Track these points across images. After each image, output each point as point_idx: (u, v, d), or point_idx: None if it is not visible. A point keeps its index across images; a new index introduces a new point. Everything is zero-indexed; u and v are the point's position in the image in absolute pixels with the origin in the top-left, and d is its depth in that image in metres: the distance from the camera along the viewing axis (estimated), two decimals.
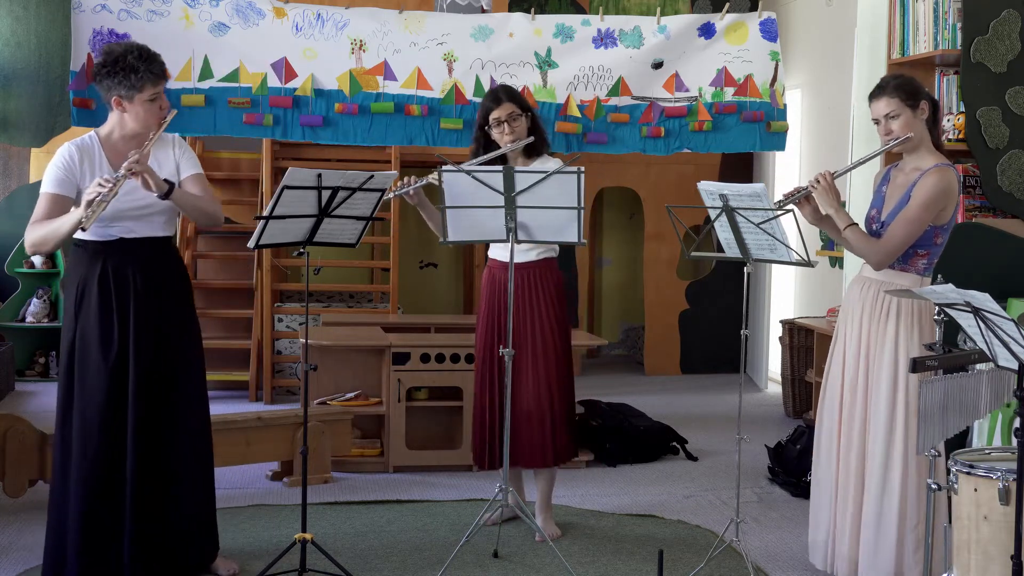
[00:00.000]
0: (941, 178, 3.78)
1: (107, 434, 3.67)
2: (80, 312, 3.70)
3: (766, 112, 5.52)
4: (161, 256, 3.80)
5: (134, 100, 3.68)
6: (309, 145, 6.45)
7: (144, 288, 3.71)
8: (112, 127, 3.78)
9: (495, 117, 4.40)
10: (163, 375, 3.74)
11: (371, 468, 5.54)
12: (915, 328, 3.82)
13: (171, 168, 3.81)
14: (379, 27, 5.29)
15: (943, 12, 5.15)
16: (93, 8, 4.98)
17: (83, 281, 3.71)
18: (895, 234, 3.80)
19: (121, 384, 3.68)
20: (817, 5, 7.94)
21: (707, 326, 8.80)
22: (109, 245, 3.71)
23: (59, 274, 7.91)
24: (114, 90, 3.68)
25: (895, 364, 3.82)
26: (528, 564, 4.20)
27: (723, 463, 5.86)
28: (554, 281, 4.52)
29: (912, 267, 3.86)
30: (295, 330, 7.49)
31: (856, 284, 4.02)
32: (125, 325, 3.69)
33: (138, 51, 3.69)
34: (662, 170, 8.63)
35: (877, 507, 3.82)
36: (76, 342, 3.70)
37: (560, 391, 4.47)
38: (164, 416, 3.74)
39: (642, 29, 5.46)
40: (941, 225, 3.83)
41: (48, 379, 7.84)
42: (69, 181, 3.69)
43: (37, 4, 8.11)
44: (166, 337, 3.75)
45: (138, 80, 3.65)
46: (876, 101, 3.88)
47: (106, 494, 3.68)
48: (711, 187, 3.95)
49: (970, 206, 5.14)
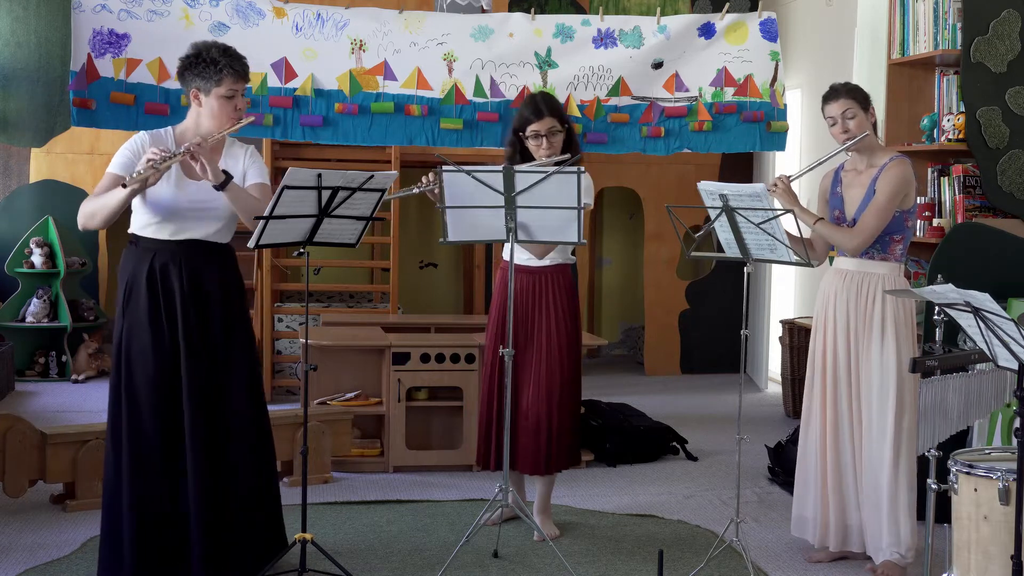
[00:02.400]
0: (901, 169, 4.09)
1: (163, 438, 3.68)
2: (128, 308, 3.72)
3: (766, 112, 5.52)
4: (213, 262, 3.78)
5: (211, 94, 3.67)
6: (309, 145, 6.46)
7: (190, 291, 3.71)
8: (188, 124, 3.79)
9: (534, 130, 4.37)
10: (213, 378, 3.74)
11: (371, 468, 5.54)
12: (901, 313, 4.06)
13: (238, 173, 3.80)
14: (379, 27, 5.29)
15: (943, 12, 5.15)
16: (93, 8, 4.98)
17: (131, 278, 3.73)
18: (868, 222, 4.07)
19: (173, 384, 3.69)
20: (817, 5, 7.94)
21: (707, 326, 8.79)
22: (160, 243, 3.71)
23: (59, 274, 7.90)
24: (193, 83, 3.68)
25: (882, 342, 4.05)
26: (528, 564, 4.20)
27: (723, 463, 5.86)
28: (566, 287, 4.47)
29: (891, 254, 4.12)
30: (295, 330, 7.49)
31: (835, 276, 4.20)
32: (174, 325, 3.70)
33: (223, 48, 3.70)
34: (662, 170, 8.63)
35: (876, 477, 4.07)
36: (124, 339, 3.72)
37: (563, 399, 4.42)
38: (219, 420, 3.75)
39: (642, 29, 5.46)
40: (908, 209, 4.12)
41: (48, 379, 7.84)
42: (133, 164, 3.67)
43: (37, 4, 8.12)
44: (214, 341, 3.76)
45: (217, 73, 3.64)
46: (832, 103, 4.18)
47: (162, 502, 3.70)
48: (711, 187, 3.96)
49: (970, 206, 5.14)
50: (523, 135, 4.41)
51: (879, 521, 4.08)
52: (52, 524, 4.54)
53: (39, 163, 8.24)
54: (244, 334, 3.86)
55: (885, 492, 4.05)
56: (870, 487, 4.10)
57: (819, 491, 4.22)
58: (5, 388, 7.27)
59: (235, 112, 3.73)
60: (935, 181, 5.34)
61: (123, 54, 5.03)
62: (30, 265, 7.93)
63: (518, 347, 4.34)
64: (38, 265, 7.93)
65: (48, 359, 7.92)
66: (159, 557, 3.71)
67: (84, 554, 4.17)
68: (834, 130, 4.16)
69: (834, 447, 4.18)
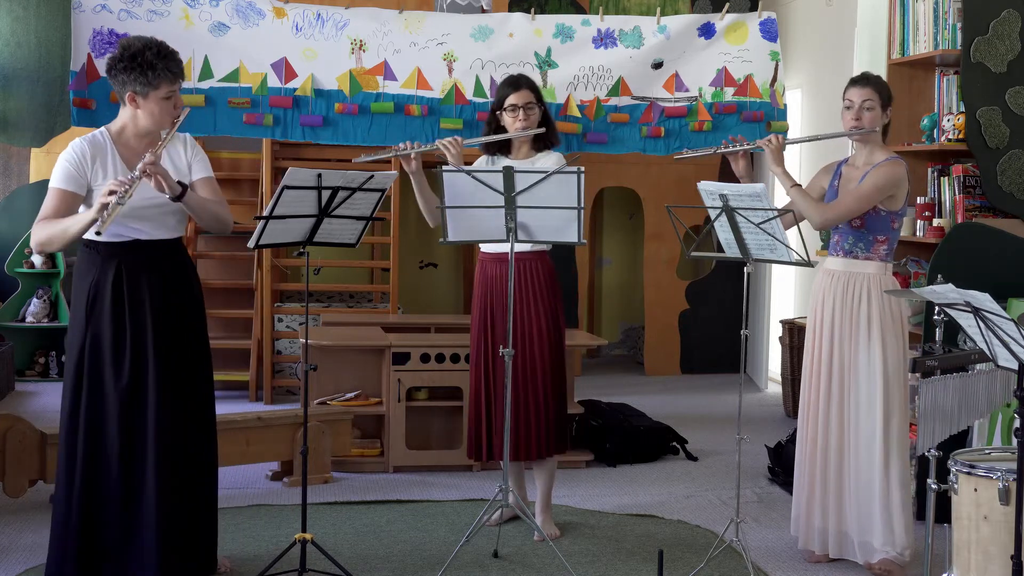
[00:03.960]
0: (895, 169, 4.08)
1: (123, 442, 3.64)
2: (92, 316, 3.65)
3: (766, 112, 5.52)
4: (173, 257, 3.77)
5: (149, 97, 3.63)
6: (309, 145, 6.45)
7: (160, 291, 3.69)
8: (124, 123, 3.73)
9: (512, 102, 4.41)
10: (179, 379, 3.72)
11: (371, 468, 5.54)
12: (887, 307, 4.07)
13: (183, 168, 3.77)
14: (379, 27, 5.29)
15: (943, 12, 5.15)
16: (93, 8, 4.98)
17: (95, 284, 3.65)
18: (844, 202, 4.10)
19: (138, 390, 3.65)
20: (817, 5, 7.94)
21: (707, 326, 8.79)
22: (122, 247, 3.67)
23: (59, 274, 7.90)
24: (129, 86, 3.62)
25: (868, 342, 4.06)
26: (528, 564, 4.20)
27: (723, 463, 5.86)
28: (546, 272, 4.48)
29: (875, 254, 4.12)
30: (295, 330, 7.48)
31: (824, 276, 4.22)
32: (141, 329, 3.65)
33: (157, 48, 3.63)
34: (662, 170, 8.63)
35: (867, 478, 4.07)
36: (87, 347, 3.65)
37: (546, 384, 4.44)
38: (181, 418, 3.72)
39: (642, 29, 5.46)
40: (895, 211, 4.11)
41: (48, 379, 7.84)
42: (79, 178, 3.63)
43: (37, 4, 8.11)
44: (181, 340, 3.73)
45: (155, 77, 3.60)
46: (857, 88, 4.15)
47: (114, 498, 3.66)
48: (711, 187, 3.96)
49: (970, 206, 5.14)
50: (500, 112, 4.44)
51: (871, 522, 4.07)
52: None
53: (39, 163, 8.24)
54: (204, 327, 3.84)
55: (877, 493, 4.05)
56: (861, 488, 4.09)
57: (815, 494, 4.21)
58: (5, 388, 7.27)
59: (174, 110, 3.69)
60: (935, 181, 5.33)
61: None
62: (30, 265, 7.93)
63: (500, 337, 4.34)
64: (38, 265, 7.93)
65: (48, 359, 7.93)
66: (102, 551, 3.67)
67: None
68: (847, 114, 4.15)
69: (824, 449, 4.18)
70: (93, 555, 3.67)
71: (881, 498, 4.04)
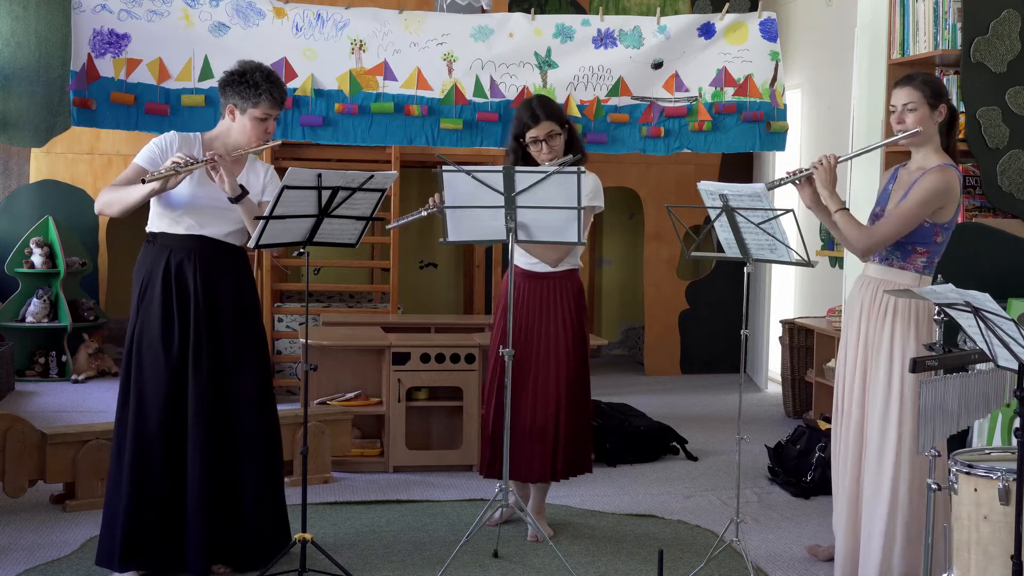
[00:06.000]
0: (941, 178, 3.77)
1: (166, 432, 3.79)
2: (141, 307, 3.85)
3: (766, 112, 5.52)
4: (227, 262, 3.91)
5: (246, 113, 3.86)
6: (309, 145, 6.45)
7: (204, 289, 3.84)
8: (219, 133, 3.96)
9: (533, 136, 4.34)
10: (222, 377, 3.86)
11: (371, 468, 5.54)
12: (912, 328, 3.80)
13: (257, 188, 3.95)
14: (379, 27, 5.29)
15: (943, 12, 5.15)
16: (93, 8, 4.98)
17: (147, 276, 3.86)
18: (885, 225, 3.80)
19: (181, 382, 3.81)
20: (817, 5, 7.94)
21: (707, 326, 8.79)
22: (176, 239, 3.84)
23: (59, 274, 7.90)
24: (231, 99, 3.87)
25: (891, 363, 3.81)
26: (528, 564, 4.20)
27: (723, 463, 5.86)
28: (574, 293, 4.44)
29: (911, 265, 3.85)
30: (295, 330, 7.49)
31: (858, 283, 4.02)
32: (186, 323, 3.82)
33: (267, 73, 3.90)
34: (662, 170, 8.63)
35: (871, 506, 3.85)
36: (135, 337, 3.84)
37: (571, 405, 4.39)
38: (225, 417, 3.87)
39: (642, 29, 5.46)
40: (941, 224, 3.81)
41: (48, 379, 7.84)
42: (159, 161, 3.82)
43: (37, 4, 8.12)
44: (225, 341, 3.87)
45: (256, 96, 3.84)
46: (900, 89, 3.86)
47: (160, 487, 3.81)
48: (711, 187, 3.95)
49: (970, 206, 5.14)
50: (523, 141, 4.40)
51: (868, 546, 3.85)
52: (52, 524, 4.54)
53: (39, 163, 8.24)
54: (255, 335, 3.98)
55: (883, 520, 3.79)
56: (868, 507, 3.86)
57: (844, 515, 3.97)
58: (5, 388, 7.27)
59: (264, 134, 3.90)
60: None
61: (123, 54, 5.03)
62: (30, 265, 7.93)
63: (526, 353, 4.33)
64: (38, 265, 7.93)
65: (48, 359, 7.93)
66: (151, 537, 3.81)
67: (84, 554, 4.17)
68: (892, 119, 3.88)
69: (844, 464, 3.96)
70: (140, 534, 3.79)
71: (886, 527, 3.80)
